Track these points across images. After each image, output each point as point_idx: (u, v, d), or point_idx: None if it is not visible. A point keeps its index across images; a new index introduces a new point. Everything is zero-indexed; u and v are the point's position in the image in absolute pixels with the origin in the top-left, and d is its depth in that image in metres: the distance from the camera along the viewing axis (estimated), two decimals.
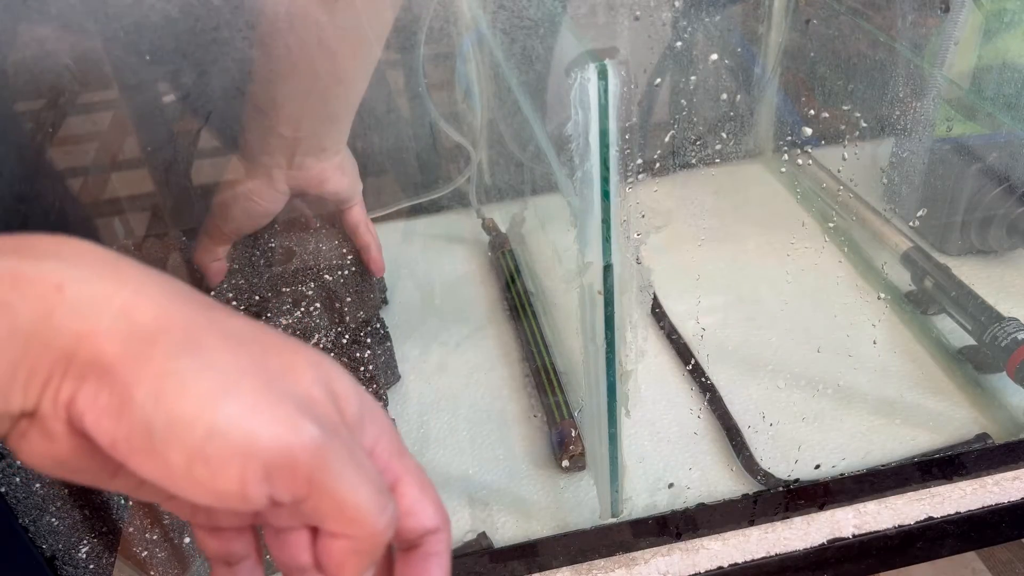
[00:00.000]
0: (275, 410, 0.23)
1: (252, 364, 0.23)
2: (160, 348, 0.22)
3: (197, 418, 0.22)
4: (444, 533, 0.28)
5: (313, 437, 0.23)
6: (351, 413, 0.25)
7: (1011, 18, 0.71)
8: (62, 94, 0.71)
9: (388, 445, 0.27)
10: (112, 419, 0.22)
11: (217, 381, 0.22)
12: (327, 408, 0.24)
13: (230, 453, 0.22)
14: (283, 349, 0.25)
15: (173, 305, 0.23)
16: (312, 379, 0.25)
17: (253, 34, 0.58)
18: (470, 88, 0.79)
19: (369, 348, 0.63)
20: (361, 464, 0.24)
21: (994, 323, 0.65)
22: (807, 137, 0.68)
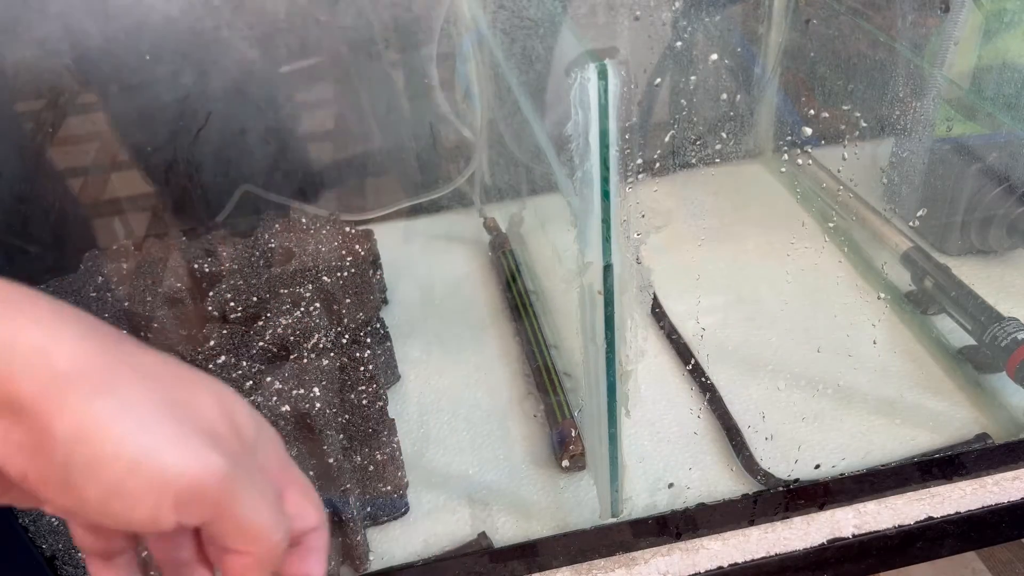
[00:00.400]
0: (187, 445, 0.24)
1: (164, 400, 0.25)
2: (79, 390, 0.23)
3: (116, 457, 0.23)
4: (322, 530, 0.31)
5: (220, 468, 0.25)
6: (249, 437, 0.28)
7: (1011, 18, 0.71)
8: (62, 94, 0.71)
9: (277, 460, 0.29)
10: (26, 456, 0.23)
11: (134, 420, 0.24)
12: (230, 437, 0.27)
13: (146, 487, 0.23)
14: (189, 383, 0.27)
15: (87, 344, 0.24)
16: (216, 411, 0.27)
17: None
18: (470, 88, 0.79)
19: (369, 348, 0.63)
20: (260, 487, 0.27)
21: (994, 323, 0.65)
22: (807, 137, 0.68)
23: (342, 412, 0.58)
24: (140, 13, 0.67)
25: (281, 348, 0.60)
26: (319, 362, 0.58)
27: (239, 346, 0.60)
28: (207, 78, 0.74)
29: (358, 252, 0.67)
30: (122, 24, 0.66)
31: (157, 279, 0.64)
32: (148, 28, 0.68)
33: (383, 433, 0.59)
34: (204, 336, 0.61)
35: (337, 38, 0.76)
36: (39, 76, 0.68)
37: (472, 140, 0.82)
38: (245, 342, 0.60)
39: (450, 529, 0.58)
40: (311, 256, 0.66)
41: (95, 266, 0.65)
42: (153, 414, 0.24)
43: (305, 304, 0.61)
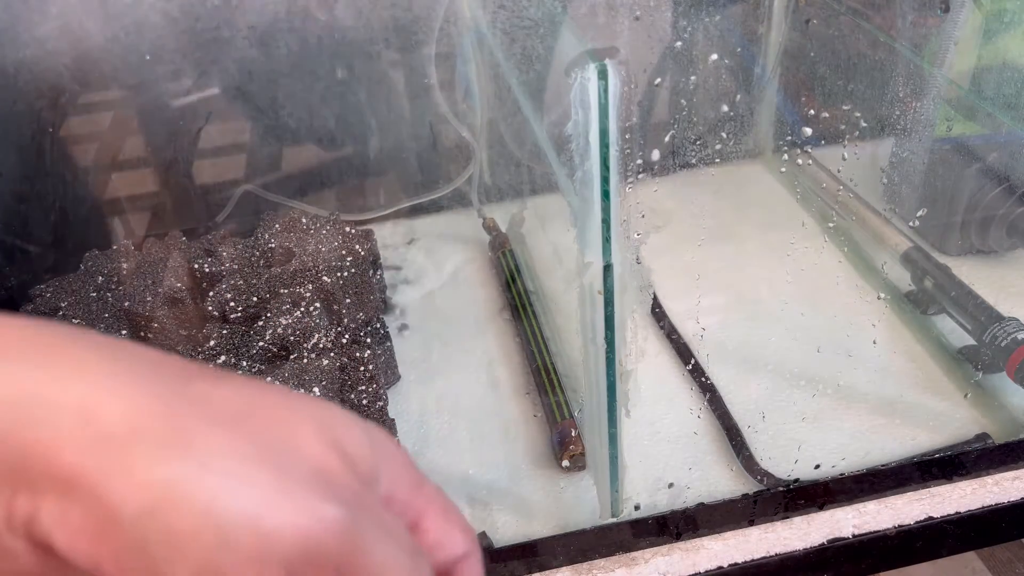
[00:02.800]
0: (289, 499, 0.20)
1: (253, 447, 0.20)
2: (140, 452, 0.19)
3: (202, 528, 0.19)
4: (475, 556, 0.26)
5: (336, 520, 0.20)
6: (365, 468, 0.23)
7: (1011, 18, 0.71)
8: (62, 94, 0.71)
9: (406, 482, 0.25)
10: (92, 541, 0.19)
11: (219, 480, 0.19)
12: (343, 477, 0.22)
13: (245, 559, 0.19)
14: (281, 415, 0.22)
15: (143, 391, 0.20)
16: (321, 446, 0.22)
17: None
18: (470, 88, 0.79)
19: (369, 348, 0.63)
20: (388, 531, 0.22)
21: (994, 323, 0.65)
22: (807, 137, 0.68)
23: None
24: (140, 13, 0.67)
25: (281, 348, 0.60)
26: (319, 362, 0.58)
27: (239, 346, 0.60)
28: (207, 78, 0.74)
29: (358, 252, 0.67)
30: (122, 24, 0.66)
31: (157, 279, 0.64)
32: (148, 28, 0.68)
33: None
34: (204, 336, 0.61)
35: (337, 38, 0.76)
36: (39, 76, 0.68)
37: (472, 140, 0.82)
38: (245, 342, 0.60)
39: None
40: (311, 256, 0.66)
41: (95, 266, 0.65)
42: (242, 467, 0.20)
43: (305, 304, 0.61)
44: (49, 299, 0.63)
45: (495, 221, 0.86)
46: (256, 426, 0.21)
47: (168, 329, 0.62)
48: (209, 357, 0.59)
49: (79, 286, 0.64)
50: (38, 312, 0.63)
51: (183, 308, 0.63)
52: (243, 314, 0.62)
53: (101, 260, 0.66)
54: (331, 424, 0.22)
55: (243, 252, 0.68)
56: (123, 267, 0.65)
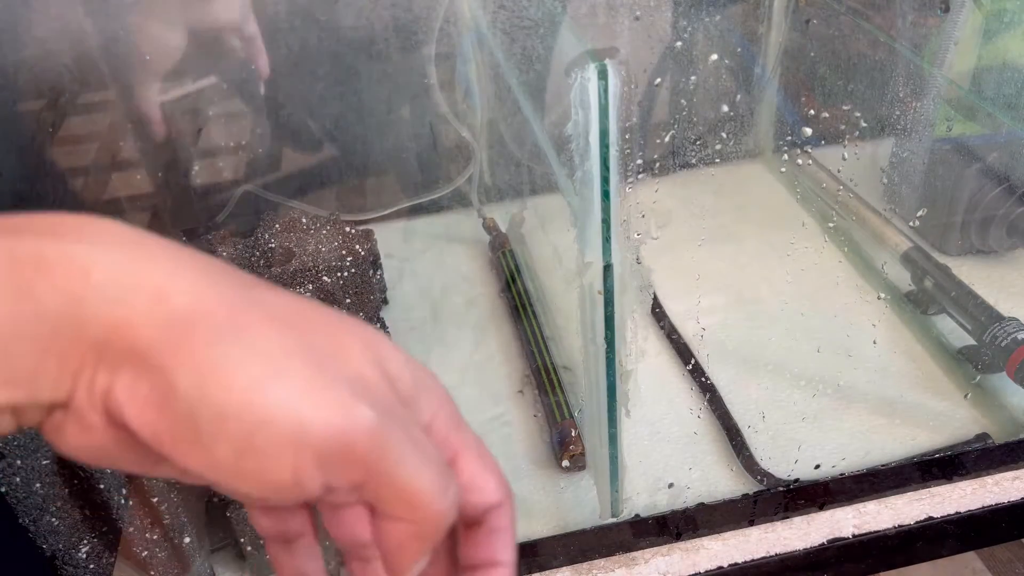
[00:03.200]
0: (327, 394, 0.21)
1: (299, 345, 0.22)
2: (200, 333, 0.20)
3: (245, 408, 0.20)
4: (508, 507, 0.26)
5: (368, 420, 0.21)
6: (405, 390, 0.24)
7: (1011, 18, 0.71)
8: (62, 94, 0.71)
9: (445, 419, 0.25)
10: (154, 411, 0.20)
11: (264, 366, 0.21)
12: (381, 388, 0.23)
13: (281, 443, 0.21)
14: (331, 327, 0.23)
15: (210, 286, 0.21)
16: (363, 358, 0.23)
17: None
18: (470, 88, 0.79)
19: None
20: (420, 445, 0.23)
21: (994, 323, 0.65)
22: (807, 137, 0.68)
23: None
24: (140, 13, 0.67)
25: None
26: None
27: None
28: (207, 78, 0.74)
29: (358, 252, 0.67)
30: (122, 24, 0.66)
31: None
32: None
33: None
34: None
35: (337, 38, 0.76)
36: (39, 76, 0.68)
37: (472, 140, 0.82)
38: None
39: None
40: (311, 256, 0.66)
41: None
42: (287, 359, 0.21)
43: None
44: None
45: (495, 221, 0.85)
46: (305, 329, 0.22)
47: None
48: None
49: None
50: None
51: None
52: None
53: None
54: (378, 348, 0.24)
55: (243, 252, 0.68)
56: None
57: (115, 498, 0.56)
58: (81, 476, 0.53)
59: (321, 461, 0.21)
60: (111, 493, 0.55)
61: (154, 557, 0.54)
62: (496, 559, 0.26)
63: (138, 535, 0.54)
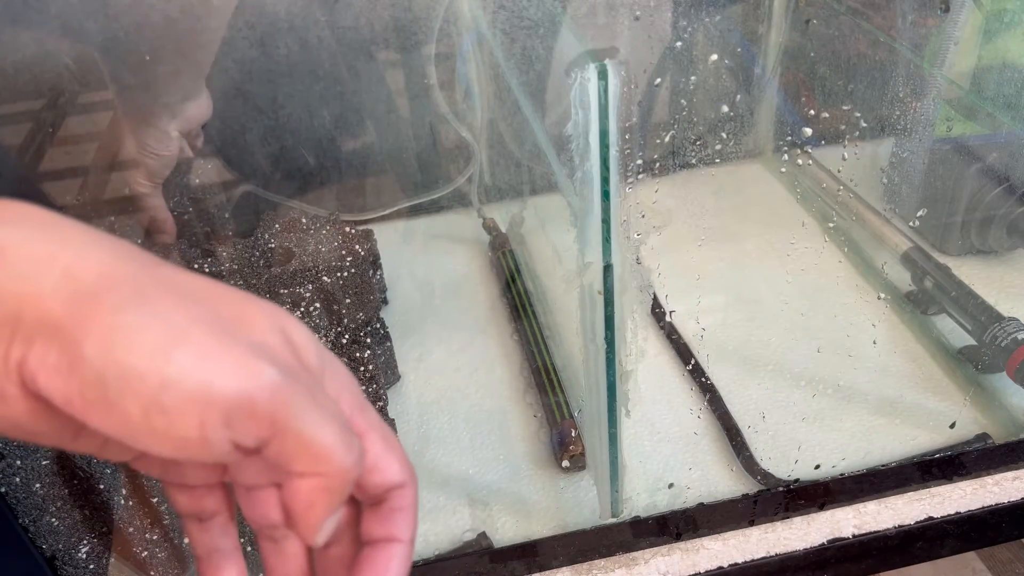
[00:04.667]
0: (229, 354, 0.22)
1: (203, 314, 0.23)
2: (106, 303, 0.22)
3: (149, 368, 0.21)
4: (411, 488, 0.27)
5: (271, 377, 0.23)
6: (311, 361, 0.25)
7: (1011, 18, 0.71)
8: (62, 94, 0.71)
9: (351, 399, 0.27)
10: (63, 377, 0.22)
11: (167, 331, 0.22)
12: (284, 353, 0.24)
13: (186, 400, 0.22)
14: (235, 300, 0.25)
15: (118, 262, 0.23)
16: (267, 327, 0.24)
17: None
18: (470, 88, 0.79)
19: (369, 348, 0.63)
20: (323, 404, 0.24)
21: (994, 323, 0.65)
22: (807, 137, 0.68)
23: None
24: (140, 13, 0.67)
25: None
26: None
27: None
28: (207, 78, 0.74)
29: (358, 252, 0.67)
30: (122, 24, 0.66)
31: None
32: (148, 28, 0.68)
33: None
34: None
35: (337, 38, 0.76)
36: (39, 76, 0.68)
37: (472, 140, 0.82)
38: None
39: (450, 529, 0.58)
40: (311, 256, 0.66)
41: None
42: (189, 326, 0.22)
43: (305, 304, 0.61)
44: None
45: (495, 221, 0.85)
46: (211, 302, 0.24)
47: None
48: None
49: None
50: None
51: None
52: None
53: None
54: (283, 320, 0.25)
55: (243, 252, 0.68)
56: None
57: (115, 498, 0.56)
58: (81, 476, 0.53)
59: (227, 417, 0.22)
60: (111, 493, 0.55)
61: (153, 557, 0.54)
62: (395, 536, 0.27)
63: (137, 535, 0.54)
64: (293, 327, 0.25)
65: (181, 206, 0.68)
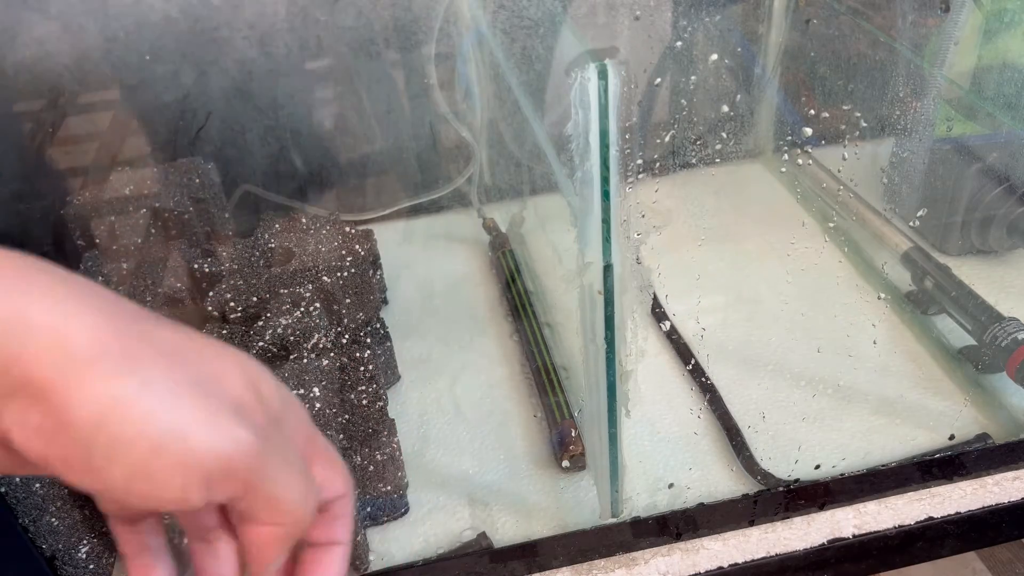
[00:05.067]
0: (213, 421, 0.24)
1: (187, 376, 0.24)
2: (97, 370, 0.22)
3: (139, 437, 0.22)
4: (348, 497, 0.30)
5: (249, 443, 0.24)
6: (275, 409, 0.27)
7: (1011, 18, 0.71)
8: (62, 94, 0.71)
9: (303, 431, 0.29)
10: (45, 440, 0.22)
11: (157, 399, 0.23)
12: (256, 410, 0.26)
13: (172, 467, 0.23)
14: (212, 356, 0.26)
15: (104, 321, 0.23)
16: (241, 383, 0.26)
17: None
18: (470, 88, 0.79)
19: (369, 348, 0.63)
20: (289, 459, 0.26)
21: (994, 323, 0.65)
22: (807, 137, 0.68)
23: (342, 412, 0.58)
24: (140, 13, 0.67)
25: (281, 348, 0.60)
26: (319, 362, 0.58)
27: (239, 346, 0.60)
28: (207, 78, 0.74)
29: (358, 252, 0.67)
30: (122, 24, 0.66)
31: (157, 279, 0.64)
32: (148, 28, 0.68)
33: (383, 433, 0.59)
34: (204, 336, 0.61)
35: (337, 38, 0.76)
36: (39, 76, 0.68)
37: (472, 140, 0.82)
38: (245, 342, 0.60)
39: (450, 529, 0.58)
40: (311, 256, 0.66)
41: (95, 266, 0.65)
42: (176, 391, 0.23)
43: (305, 304, 0.61)
44: None
45: (495, 221, 0.85)
46: (190, 361, 0.25)
47: None
48: None
49: None
50: None
51: (183, 308, 0.63)
52: (243, 314, 0.62)
53: (101, 260, 0.66)
54: (251, 370, 0.27)
55: (243, 252, 0.68)
56: (123, 267, 0.65)
57: None
58: None
59: (207, 481, 0.24)
60: None
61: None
62: (336, 539, 0.30)
63: None
64: (260, 378, 0.27)
65: (181, 206, 0.68)
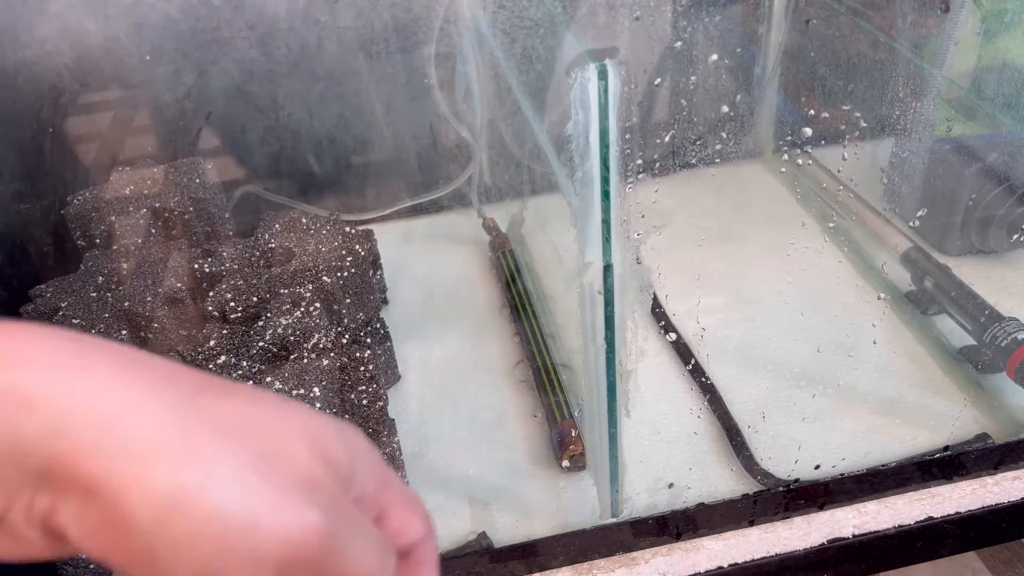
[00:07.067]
0: (283, 508, 0.22)
1: (252, 458, 0.22)
2: (156, 464, 0.21)
3: (205, 536, 0.21)
4: (430, 539, 0.29)
5: (321, 527, 0.23)
6: (344, 471, 0.25)
7: (1011, 18, 0.71)
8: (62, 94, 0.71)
9: (375, 479, 0.27)
10: (105, 539, 0.21)
11: (221, 492, 0.21)
12: (326, 482, 0.24)
13: (241, 563, 0.21)
14: (278, 427, 0.24)
15: (159, 403, 0.21)
16: (308, 455, 0.24)
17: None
18: (470, 88, 0.79)
19: (369, 348, 0.63)
20: (362, 531, 0.25)
21: (994, 323, 0.65)
22: (807, 137, 0.68)
23: (342, 412, 0.58)
24: (140, 13, 0.67)
25: (281, 348, 0.60)
26: (319, 362, 0.58)
27: (239, 346, 0.60)
28: (207, 78, 0.74)
29: (358, 252, 0.67)
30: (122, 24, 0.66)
31: (157, 279, 0.64)
32: (148, 28, 0.68)
33: (383, 433, 0.59)
34: (204, 336, 0.61)
35: (337, 38, 0.76)
36: (39, 76, 0.68)
37: (472, 140, 0.82)
38: (245, 342, 0.60)
39: (450, 529, 0.58)
40: (311, 256, 0.66)
41: (95, 266, 0.65)
42: (242, 480, 0.22)
43: (305, 304, 0.61)
44: (49, 299, 0.63)
45: (495, 221, 0.86)
46: (255, 437, 0.23)
47: (168, 329, 0.62)
48: (209, 357, 0.59)
49: (79, 286, 0.64)
50: (38, 312, 0.63)
51: (183, 308, 0.63)
52: (243, 314, 0.62)
53: (101, 260, 0.66)
54: (316, 433, 0.25)
55: (243, 252, 0.68)
56: (123, 267, 0.65)
57: None
58: None
59: (279, 569, 0.22)
60: None
61: None
62: None
63: None
64: (327, 441, 0.25)
65: (181, 206, 0.68)
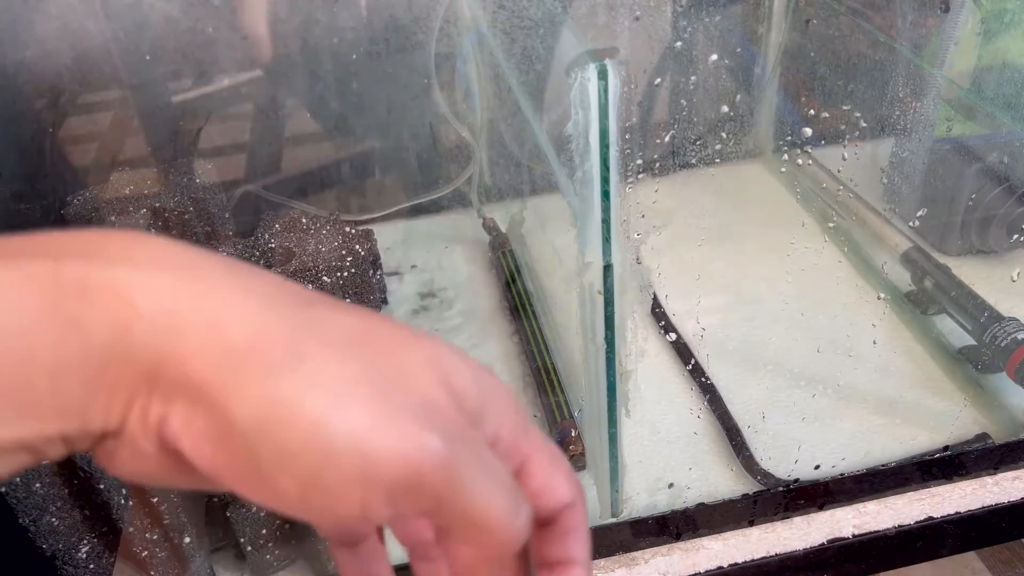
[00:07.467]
0: (394, 426, 0.20)
1: (363, 372, 0.21)
2: (258, 367, 0.20)
3: (308, 445, 0.19)
4: (580, 506, 0.26)
5: (438, 452, 0.21)
6: (472, 406, 0.23)
7: (1011, 18, 0.71)
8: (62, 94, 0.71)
9: (512, 426, 0.24)
10: (212, 446, 0.20)
11: (326, 400, 0.20)
12: (448, 410, 0.22)
13: (349, 479, 0.20)
14: (396, 346, 0.22)
15: (267, 310, 0.20)
16: (429, 379, 0.22)
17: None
18: (470, 88, 0.79)
19: None
20: (489, 468, 0.22)
21: (994, 323, 0.65)
22: (807, 137, 0.68)
23: None
24: (140, 13, 0.67)
25: None
26: None
27: None
28: (207, 78, 0.74)
29: (358, 252, 0.67)
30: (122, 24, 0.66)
31: None
32: (148, 28, 0.68)
33: None
34: None
35: (337, 38, 0.76)
36: (39, 76, 0.68)
37: (472, 140, 0.82)
38: None
39: None
40: (311, 256, 0.66)
41: None
42: (350, 391, 0.20)
43: None
44: None
45: (495, 221, 0.86)
46: (369, 352, 0.21)
47: None
48: None
49: None
50: None
51: None
52: None
53: None
54: (441, 359, 0.23)
55: (243, 252, 0.68)
56: None
57: (115, 498, 0.56)
58: (81, 476, 0.53)
59: (390, 495, 0.20)
60: (111, 493, 0.55)
61: (154, 557, 0.54)
62: (571, 557, 0.25)
63: (138, 535, 0.54)
64: (454, 370, 0.23)
65: (181, 206, 0.68)
